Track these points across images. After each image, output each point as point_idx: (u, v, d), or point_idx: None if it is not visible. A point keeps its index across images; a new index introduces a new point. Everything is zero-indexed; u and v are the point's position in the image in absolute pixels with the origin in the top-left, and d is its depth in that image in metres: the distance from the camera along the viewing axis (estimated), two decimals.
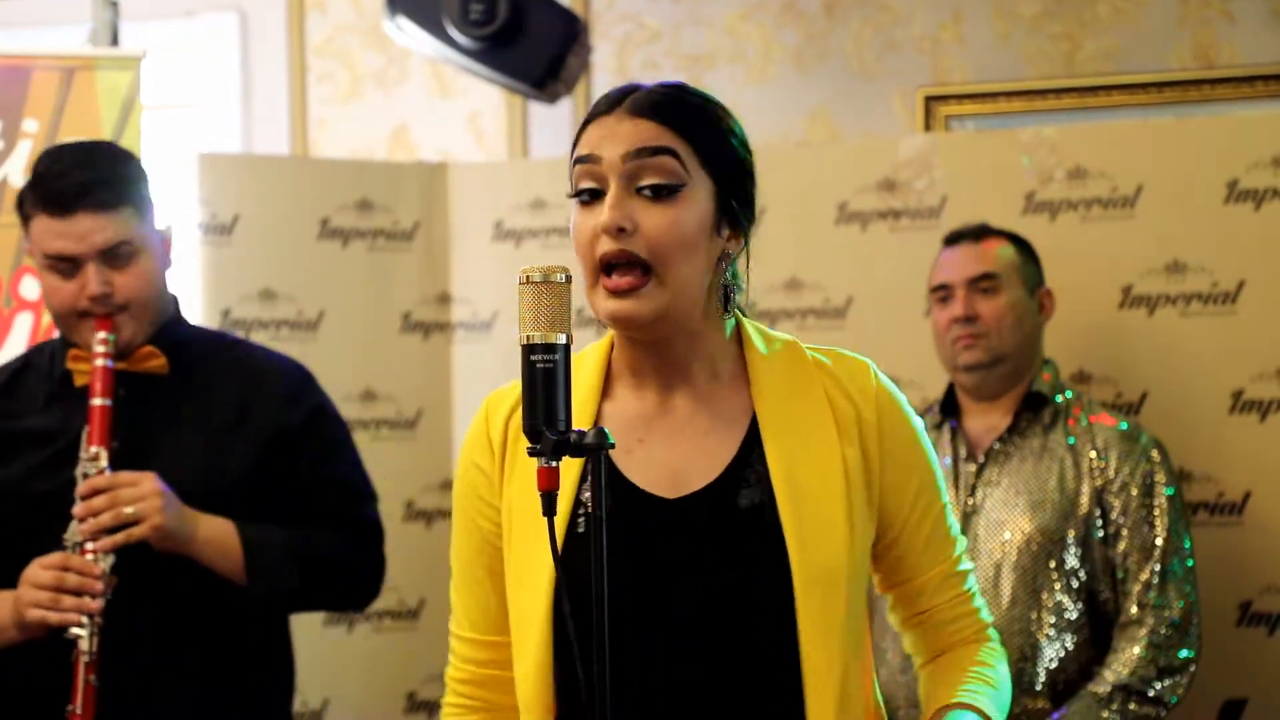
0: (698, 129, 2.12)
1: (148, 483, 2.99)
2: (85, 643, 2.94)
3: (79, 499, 3.00)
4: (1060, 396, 3.81)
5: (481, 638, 2.23)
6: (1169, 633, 3.62)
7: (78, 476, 3.02)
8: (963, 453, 3.82)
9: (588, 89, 5.04)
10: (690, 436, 2.15)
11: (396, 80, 5.31)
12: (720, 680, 2.08)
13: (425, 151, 5.25)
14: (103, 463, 3.02)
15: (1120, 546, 3.67)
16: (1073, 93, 4.78)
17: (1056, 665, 3.65)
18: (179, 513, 3.02)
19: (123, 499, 2.98)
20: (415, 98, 5.30)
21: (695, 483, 2.12)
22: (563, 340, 1.94)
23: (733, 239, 2.16)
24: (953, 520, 2.26)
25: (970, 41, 4.88)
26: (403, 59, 5.27)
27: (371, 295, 4.69)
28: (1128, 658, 3.61)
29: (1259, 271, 4.12)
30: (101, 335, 3.06)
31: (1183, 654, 3.63)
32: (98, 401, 3.04)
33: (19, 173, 4.05)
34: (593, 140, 2.11)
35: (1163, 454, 3.74)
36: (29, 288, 4.08)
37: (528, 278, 1.94)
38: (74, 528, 2.99)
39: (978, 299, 3.82)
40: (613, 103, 2.13)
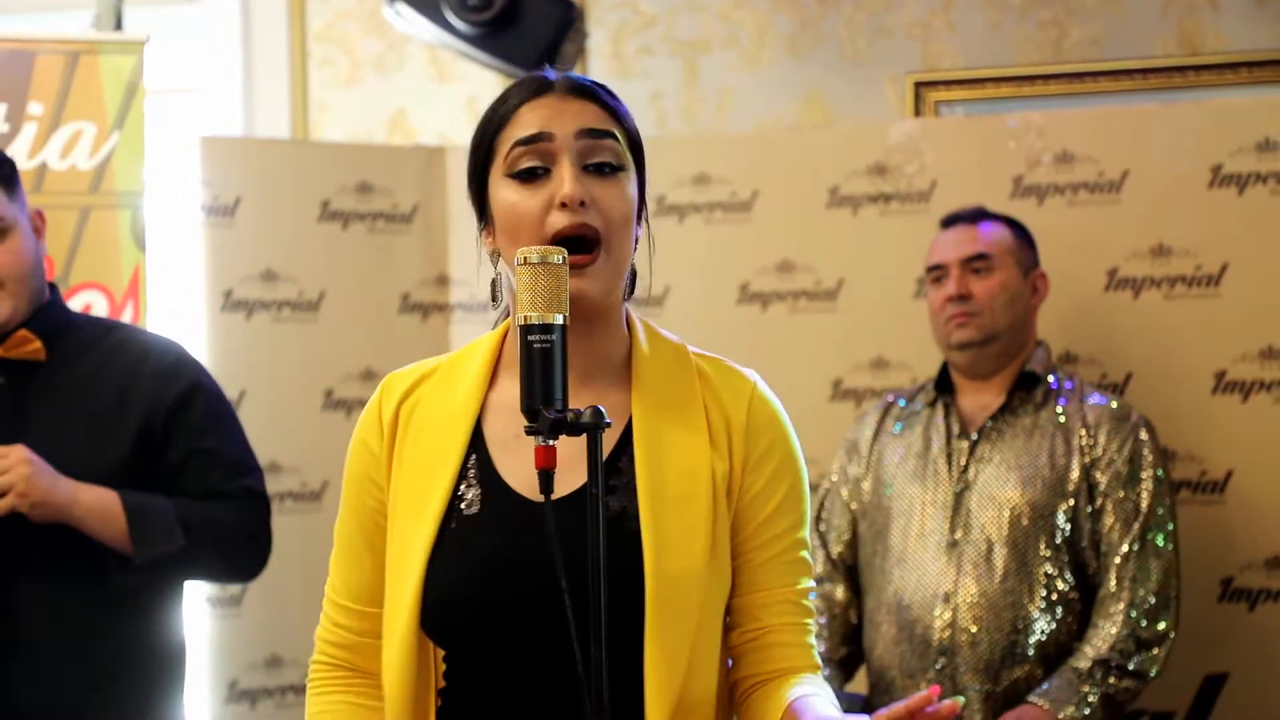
0: (622, 116, 2.15)
1: (15, 453, 2.98)
2: None
3: None
4: (1054, 377, 3.84)
5: (356, 607, 2.22)
6: (1148, 607, 3.65)
7: None
8: (956, 430, 3.85)
9: (583, 74, 5.05)
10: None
11: (395, 65, 5.33)
12: (565, 682, 2.03)
13: (424, 135, 5.28)
14: None
15: (1105, 520, 3.70)
16: (1060, 79, 4.80)
17: (1047, 637, 3.68)
18: (52, 482, 2.99)
19: None
20: (414, 82, 5.32)
21: (564, 485, 2.05)
22: (560, 320, 1.93)
23: (638, 225, 2.16)
24: (809, 563, 2.18)
25: (960, 28, 4.90)
26: (401, 44, 5.29)
27: (371, 276, 4.71)
28: (1107, 632, 3.64)
29: (1242, 255, 4.15)
30: None
31: (1161, 627, 3.66)
32: None
33: (24, 155, 4.08)
34: (538, 120, 2.10)
35: (1151, 432, 3.78)
36: None
37: (525, 259, 1.94)
38: None
39: (971, 279, 3.84)
40: (543, 85, 2.14)
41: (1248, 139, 4.16)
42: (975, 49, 4.89)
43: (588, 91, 2.14)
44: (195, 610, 4.33)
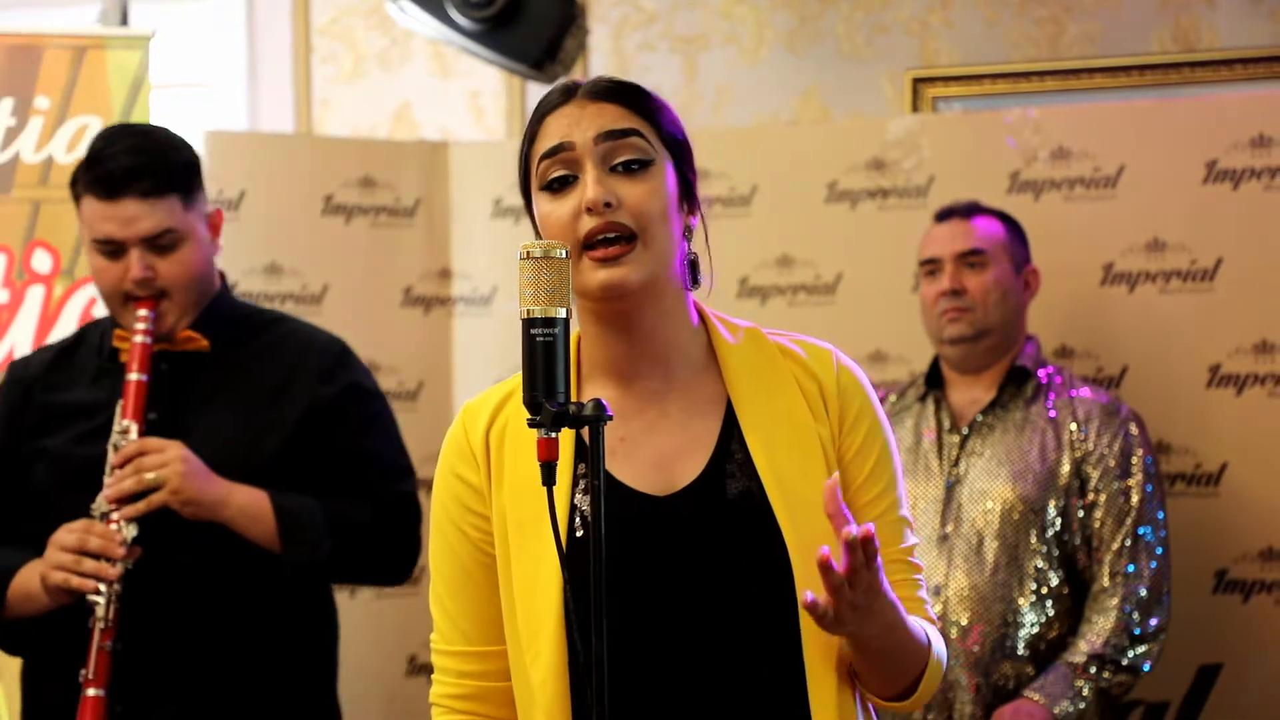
0: (652, 110, 2.16)
1: (172, 450, 3.00)
2: (101, 609, 2.95)
3: (110, 469, 3.02)
4: (1044, 372, 3.85)
5: (474, 649, 2.17)
6: (1140, 601, 3.67)
7: (109, 449, 3.04)
8: (946, 424, 3.87)
9: (585, 70, 5.06)
10: (669, 429, 2.14)
11: (399, 61, 5.35)
12: (725, 671, 2.06)
13: (426, 130, 5.29)
14: (133, 436, 3.04)
15: (1096, 515, 3.72)
16: (1057, 75, 4.82)
17: (1037, 631, 3.71)
18: (205, 480, 3.02)
19: (146, 465, 2.99)
20: (417, 78, 5.34)
21: (682, 477, 2.11)
22: (562, 314, 1.95)
23: (690, 214, 2.18)
24: (909, 520, 2.21)
25: (957, 25, 4.91)
26: (405, 40, 5.31)
27: (374, 270, 4.72)
28: (1101, 627, 3.66)
29: (1236, 250, 4.17)
30: (142, 313, 3.08)
31: (1154, 622, 3.69)
32: (133, 376, 3.06)
33: (31, 149, 4.10)
34: (559, 130, 2.13)
35: (1141, 427, 3.79)
36: (40, 261, 4.15)
37: (528, 253, 1.96)
38: (102, 498, 3.01)
39: (965, 273, 3.86)
40: (565, 94, 2.16)
41: (1242, 135, 4.17)
42: (973, 45, 4.91)
43: (608, 92, 2.15)
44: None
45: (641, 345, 2.13)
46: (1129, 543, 3.70)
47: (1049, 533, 3.73)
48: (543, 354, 1.95)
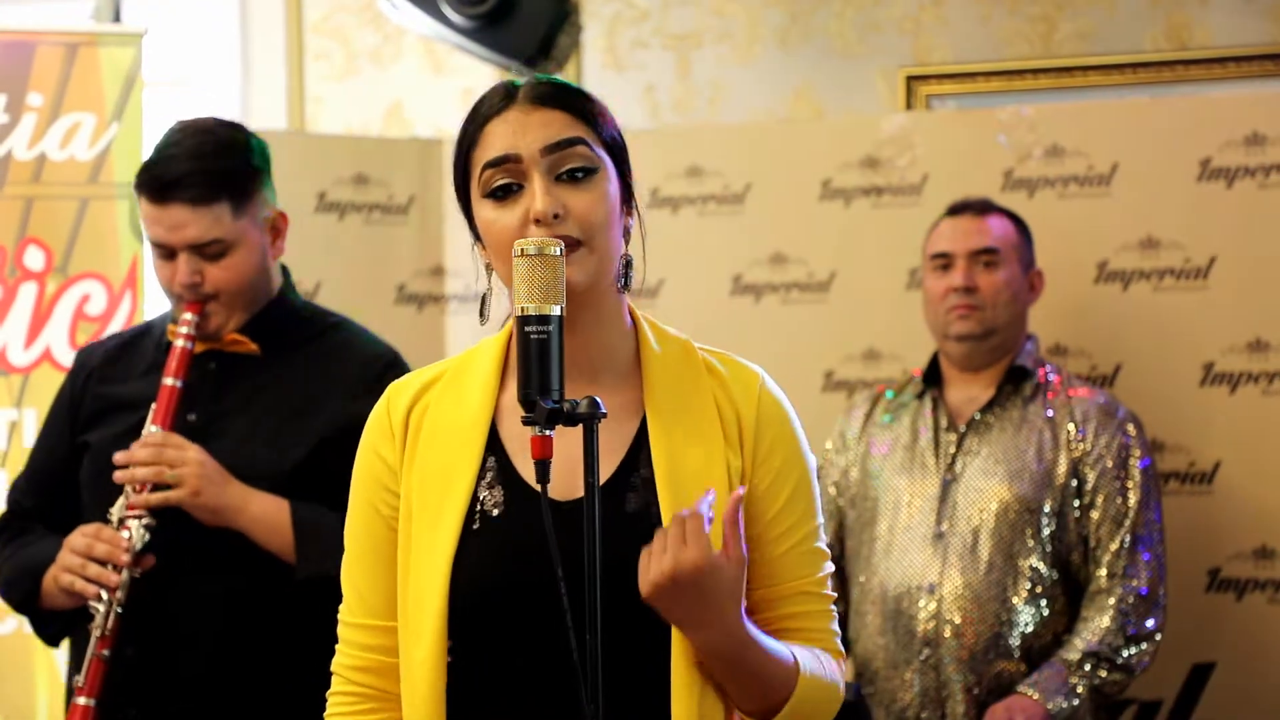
0: (593, 115, 2.15)
1: (192, 451, 2.98)
2: (100, 618, 2.93)
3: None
4: (1042, 371, 3.85)
5: (378, 623, 2.19)
6: (1137, 602, 3.67)
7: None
8: (944, 423, 3.86)
9: (578, 67, 5.08)
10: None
11: (392, 58, 5.35)
12: (593, 675, 2.02)
13: (420, 127, 5.30)
14: None
15: (1093, 516, 3.72)
16: (1050, 73, 4.82)
17: (1031, 630, 3.71)
18: (222, 485, 2.99)
19: (166, 458, 2.97)
20: (410, 75, 5.34)
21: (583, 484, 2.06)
22: (556, 311, 1.96)
23: (628, 214, 2.18)
24: (824, 551, 2.20)
25: (951, 22, 4.92)
26: (398, 37, 5.31)
27: (367, 267, 4.74)
28: (1097, 626, 3.66)
29: (1230, 248, 4.18)
30: (186, 316, 3.05)
31: (1150, 623, 3.69)
32: (168, 382, 3.03)
33: (23, 146, 4.11)
34: (504, 139, 2.13)
35: (1138, 428, 3.80)
36: (33, 258, 4.15)
37: (522, 250, 1.97)
38: (120, 503, 2.99)
39: (979, 271, 3.85)
40: (506, 97, 2.15)
41: (1236, 133, 4.18)
42: (966, 43, 4.91)
43: (550, 98, 2.15)
44: None
45: (573, 348, 2.07)
46: (1126, 544, 3.71)
47: (1045, 532, 3.73)
48: (537, 351, 1.96)
